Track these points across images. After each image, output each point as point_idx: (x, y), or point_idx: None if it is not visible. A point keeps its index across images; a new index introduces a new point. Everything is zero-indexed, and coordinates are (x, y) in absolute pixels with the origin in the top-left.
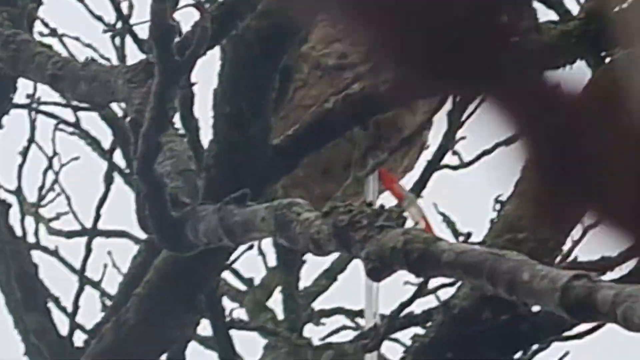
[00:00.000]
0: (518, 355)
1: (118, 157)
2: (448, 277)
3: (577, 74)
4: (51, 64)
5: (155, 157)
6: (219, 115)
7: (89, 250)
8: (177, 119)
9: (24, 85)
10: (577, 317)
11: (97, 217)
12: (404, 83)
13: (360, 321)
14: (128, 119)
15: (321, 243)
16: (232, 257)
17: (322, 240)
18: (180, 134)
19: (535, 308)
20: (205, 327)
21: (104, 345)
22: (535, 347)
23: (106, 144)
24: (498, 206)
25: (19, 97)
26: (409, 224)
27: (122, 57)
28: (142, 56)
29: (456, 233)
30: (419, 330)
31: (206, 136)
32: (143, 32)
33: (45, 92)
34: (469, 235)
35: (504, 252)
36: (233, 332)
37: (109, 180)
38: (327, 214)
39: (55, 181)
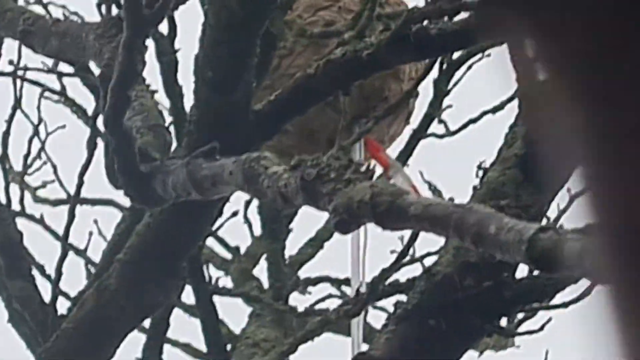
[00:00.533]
0: (502, 321)
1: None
2: (415, 229)
3: None
4: (22, 20)
5: (124, 110)
6: (201, 80)
7: (72, 216)
8: (155, 77)
9: (7, 51)
10: (543, 269)
11: (80, 183)
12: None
13: (347, 290)
14: (97, 73)
15: (289, 196)
16: (216, 225)
17: (290, 193)
18: (151, 90)
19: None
20: (189, 295)
21: (86, 311)
22: (521, 316)
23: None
24: (481, 173)
25: (3, 64)
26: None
27: None
28: None
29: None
30: (404, 298)
31: (189, 103)
32: None
33: (30, 59)
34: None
35: (470, 205)
36: (217, 300)
37: (91, 146)
38: (294, 167)
39: (42, 149)
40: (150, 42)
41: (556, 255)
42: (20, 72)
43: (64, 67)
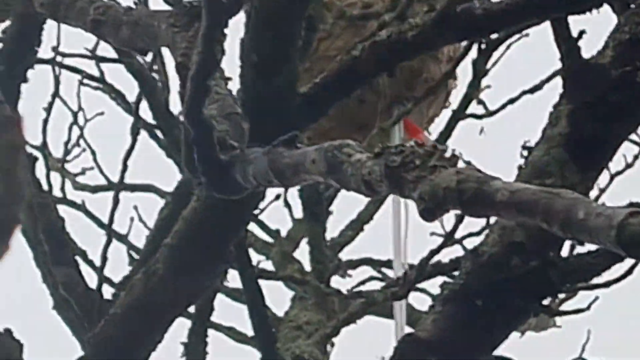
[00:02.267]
0: (547, 301)
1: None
2: (502, 216)
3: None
4: (93, 9)
5: (204, 100)
6: (246, 64)
7: (116, 202)
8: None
9: (48, 39)
10: (633, 255)
11: (124, 168)
12: None
13: (388, 272)
14: (174, 63)
15: (373, 184)
16: (259, 208)
17: (374, 181)
18: (225, 77)
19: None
20: (233, 278)
21: (134, 296)
22: (562, 295)
23: (131, 98)
24: (525, 152)
25: (44, 51)
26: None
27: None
28: None
29: None
30: (447, 280)
31: (234, 87)
32: None
33: (70, 45)
34: None
35: (558, 191)
36: (260, 284)
37: (135, 132)
38: (378, 154)
39: (81, 136)
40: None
41: None
42: (59, 59)
43: (104, 52)
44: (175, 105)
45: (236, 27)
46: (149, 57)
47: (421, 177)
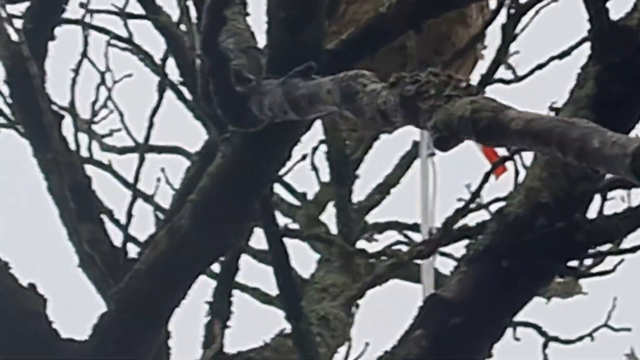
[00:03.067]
0: (572, 263)
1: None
2: (516, 145)
3: None
4: None
5: (219, 31)
6: (273, 20)
7: (141, 162)
8: None
9: None
10: None
11: (150, 126)
12: None
13: (415, 236)
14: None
15: (388, 114)
16: (283, 170)
17: (389, 110)
18: (244, 12)
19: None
20: (258, 240)
21: (158, 252)
22: (590, 262)
23: (159, 56)
24: (552, 114)
25: (73, 10)
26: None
27: None
28: None
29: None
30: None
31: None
32: None
33: (99, 3)
34: None
35: (573, 120)
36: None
37: (161, 90)
38: (393, 84)
39: (109, 98)
40: None
41: None
42: (89, 17)
43: (134, 9)
44: None
45: None
46: (176, 14)
47: (436, 107)
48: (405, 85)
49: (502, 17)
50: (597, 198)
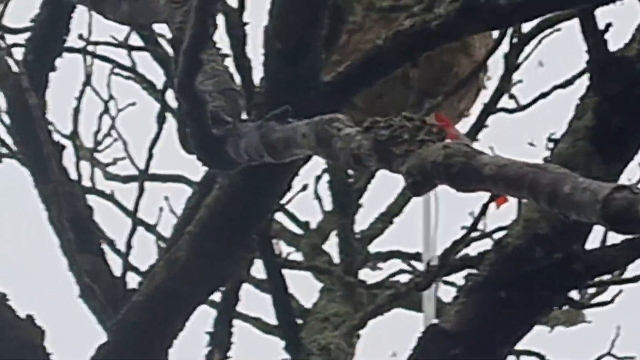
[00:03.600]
0: (573, 294)
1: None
2: (489, 191)
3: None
4: None
5: (196, 73)
6: (270, 52)
7: (141, 191)
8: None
9: (77, 26)
10: (618, 230)
11: (150, 157)
12: None
13: (417, 265)
14: (169, 38)
15: (362, 158)
16: (285, 199)
17: (363, 155)
18: (222, 54)
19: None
20: (259, 270)
21: (156, 283)
22: (592, 290)
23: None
24: (551, 144)
25: (73, 41)
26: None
27: None
28: None
29: None
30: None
31: (258, 76)
32: None
33: (99, 32)
34: None
35: (545, 165)
36: (288, 275)
37: (161, 120)
38: (368, 128)
39: (112, 126)
40: (219, 17)
41: (631, 214)
42: (90, 47)
43: (133, 42)
44: None
45: (260, 15)
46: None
47: (409, 151)
48: (379, 129)
49: (505, 47)
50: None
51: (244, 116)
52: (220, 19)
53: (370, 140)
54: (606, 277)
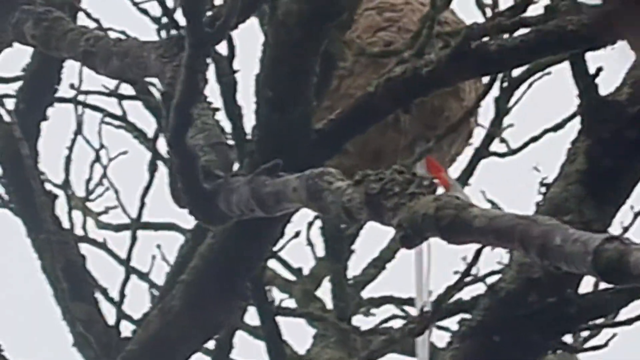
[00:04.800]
0: (566, 338)
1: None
2: (480, 243)
3: None
4: (84, 40)
5: (187, 128)
6: (261, 100)
7: (134, 239)
8: (215, 99)
9: (68, 75)
10: (610, 281)
11: (142, 205)
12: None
13: (410, 310)
14: (160, 93)
15: (352, 211)
16: (278, 246)
17: (354, 208)
18: (213, 108)
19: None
20: (252, 317)
21: (150, 332)
22: (586, 333)
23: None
24: (544, 189)
25: (64, 90)
26: (440, 191)
27: None
28: None
29: None
30: (468, 316)
31: (249, 123)
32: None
33: (91, 81)
34: None
35: (535, 217)
36: (282, 322)
37: (152, 169)
38: (358, 182)
39: (104, 175)
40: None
41: (622, 266)
42: (81, 97)
43: (124, 90)
44: None
45: (251, 63)
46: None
47: (400, 205)
48: (369, 183)
49: (495, 91)
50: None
51: (235, 167)
52: (210, 67)
53: (361, 194)
54: (599, 320)
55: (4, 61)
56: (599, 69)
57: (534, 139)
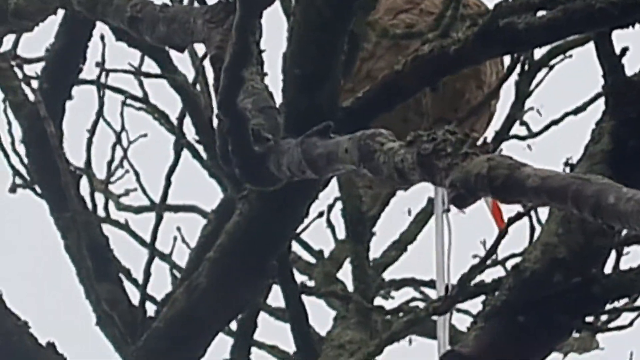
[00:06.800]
0: (589, 319)
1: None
2: (533, 202)
3: None
4: (130, 6)
5: (238, 91)
6: (288, 78)
7: (159, 219)
8: None
9: (92, 55)
10: None
11: (167, 185)
12: None
13: (430, 292)
14: (209, 56)
15: (405, 172)
16: (300, 227)
17: (406, 169)
18: (261, 72)
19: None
20: (275, 298)
21: (176, 310)
22: (605, 317)
23: (174, 117)
24: (568, 169)
25: (88, 71)
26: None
27: None
28: None
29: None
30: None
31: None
32: None
33: (114, 62)
34: None
35: (588, 177)
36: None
37: (178, 148)
38: (411, 143)
39: (124, 157)
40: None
41: None
42: (104, 77)
43: (149, 69)
44: None
45: (279, 42)
46: (191, 74)
47: (453, 165)
48: (422, 143)
49: (516, 74)
50: (613, 253)
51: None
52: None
53: (414, 154)
54: (621, 302)
55: (28, 43)
56: (625, 49)
57: (555, 122)
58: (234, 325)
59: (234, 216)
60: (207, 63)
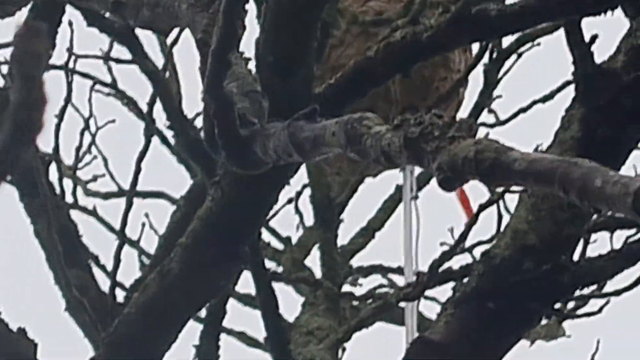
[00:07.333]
0: (558, 306)
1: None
2: (519, 185)
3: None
4: None
5: (225, 74)
6: (262, 64)
7: (129, 206)
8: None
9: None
10: None
11: (137, 171)
12: None
13: (397, 279)
14: (195, 40)
15: (392, 155)
16: (270, 214)
17: (393, 152)
18: (245, 57)
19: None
20: (244, 284)
21: (148, 295)
22: (572, 304)
23: (142, 104)
24: None
25: (57, 56)
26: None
27: None
28: None
29: (492, 192)
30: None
31: None
32: None
33: (83, 46)
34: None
35: (575, 160)
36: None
37: (149, 134)
38: (398, 126)
39: (92, 143)
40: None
41: None
42: (71, 65)
43: (119, 54)
44: (189, 108)
45: (252, 28)
46: (160, 62)
47: (440, 148)
48: (409, 127)
49: (485, 61)
50: (581, 241)
51: None
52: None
53: (401, 138)
54: (590, 289)
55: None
56: (594, 37)
57: (523, 110)
58: (203, 312)
59: (206, 202)
60: (176, 50)
